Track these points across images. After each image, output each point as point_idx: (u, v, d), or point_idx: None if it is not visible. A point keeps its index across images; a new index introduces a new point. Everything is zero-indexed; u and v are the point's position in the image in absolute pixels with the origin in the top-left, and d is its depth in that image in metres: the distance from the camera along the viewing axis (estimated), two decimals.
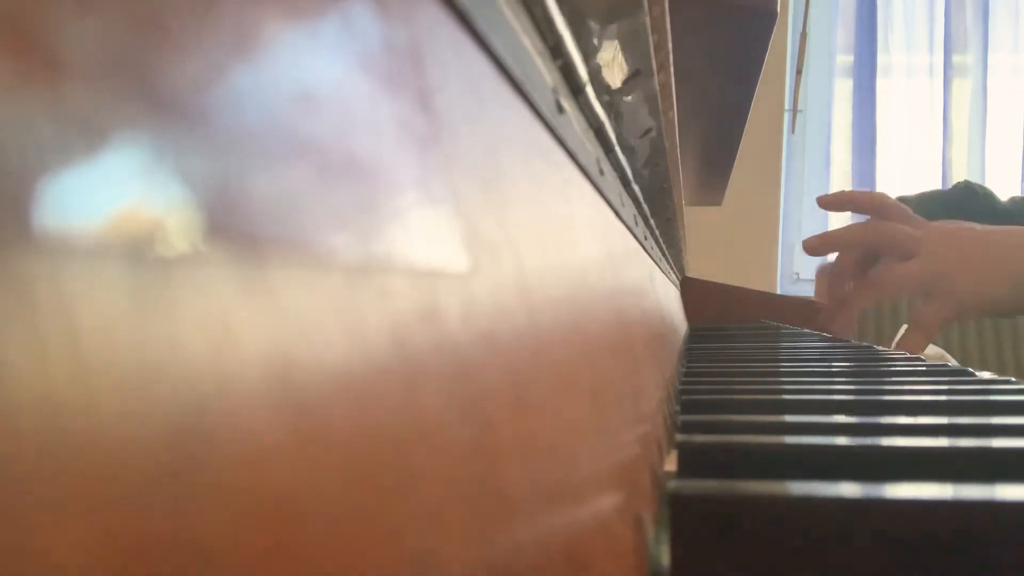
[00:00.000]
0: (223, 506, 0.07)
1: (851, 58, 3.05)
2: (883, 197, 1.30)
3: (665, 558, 0.29)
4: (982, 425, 0.42)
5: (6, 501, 0.06)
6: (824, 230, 3.01)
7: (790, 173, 2.95)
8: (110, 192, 0.07)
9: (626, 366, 0.38)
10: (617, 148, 0.50)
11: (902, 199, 1.48)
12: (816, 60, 2.96)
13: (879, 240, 1.25)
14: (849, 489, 0.29)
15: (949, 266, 1.20)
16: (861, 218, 1.36)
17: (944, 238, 1.23)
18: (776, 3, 0.84)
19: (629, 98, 0.52)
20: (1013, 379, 0.61)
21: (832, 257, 1.37)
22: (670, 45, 0.59)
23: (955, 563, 0.27)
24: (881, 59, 3.03)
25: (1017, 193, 2.94)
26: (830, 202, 1.41)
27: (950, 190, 1.49)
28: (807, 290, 2.65)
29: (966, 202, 1.44)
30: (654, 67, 0.51)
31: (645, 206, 0.74)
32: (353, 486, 0.10)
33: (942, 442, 0.36)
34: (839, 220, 3.02)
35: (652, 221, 0.83)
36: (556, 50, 0.32)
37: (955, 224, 1.25)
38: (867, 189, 1.36)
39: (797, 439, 0.37)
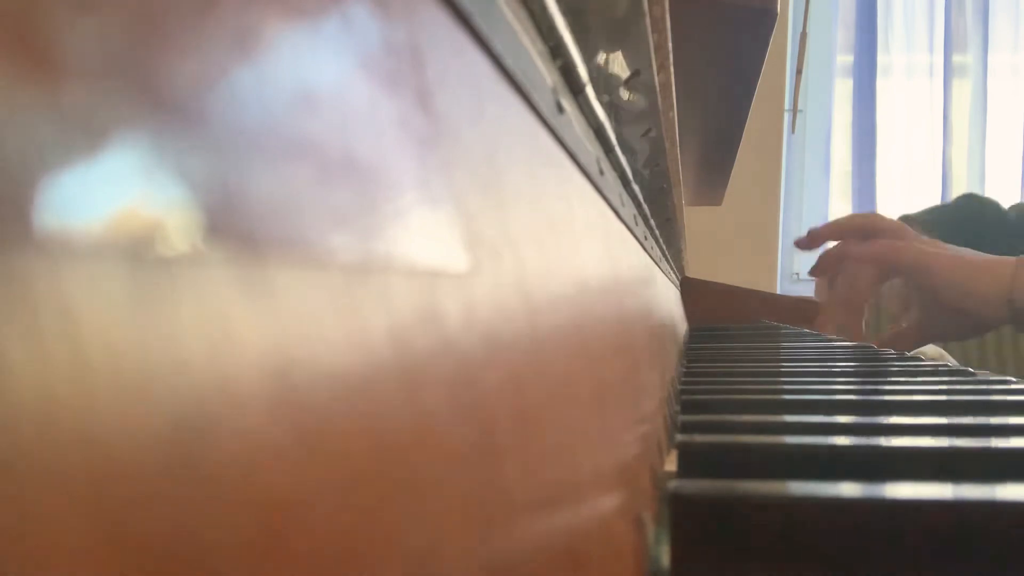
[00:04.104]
0: (223, 506, 0.07)
1: (851, 58, 3.05)
2: (869, 216, 1.30)
3: (665, 558, 0.29)
4: (982, 425, 0.42)
5: (6, 501, 0.06)
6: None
7: (790, 173, 2.95)
8: (110, 192, 0.07)
9: (626, 366, 0.38)
10: (617, 148, 0.50)
11: (905, 218, 1.48)
12: (816, 60, 2.96)
13: (867, 224, 1.26)
14: (849, 489, 0.29)
15: (942, 257, 1.21)
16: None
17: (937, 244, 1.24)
18: (776, 3, 0.84)
19: (629, 98, 0.52)
20: (1013, 379, 0.61)
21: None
22: (670, 45, 0.59)
23: (955, 563, 0.27)
24: (881, 59, 3.03)
25: (1018, 194, 2.95)
26: (815, 237, 1.39)
27: (953, 203, 1.48)
28: (807, 290, 2.65)
29: (971, 213, 1.43)
30: (654, 67, 0.51)
31: (645, 206, 0.74)
32: (353, 486, 0.10)
33: (942, 442, 0.36)
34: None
35: (652, 221, 0.83)
36: (556, 50, 0.32)
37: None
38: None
39: (797, 439, 0.37)
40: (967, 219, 1.41)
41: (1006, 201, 1.76)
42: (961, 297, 1.19)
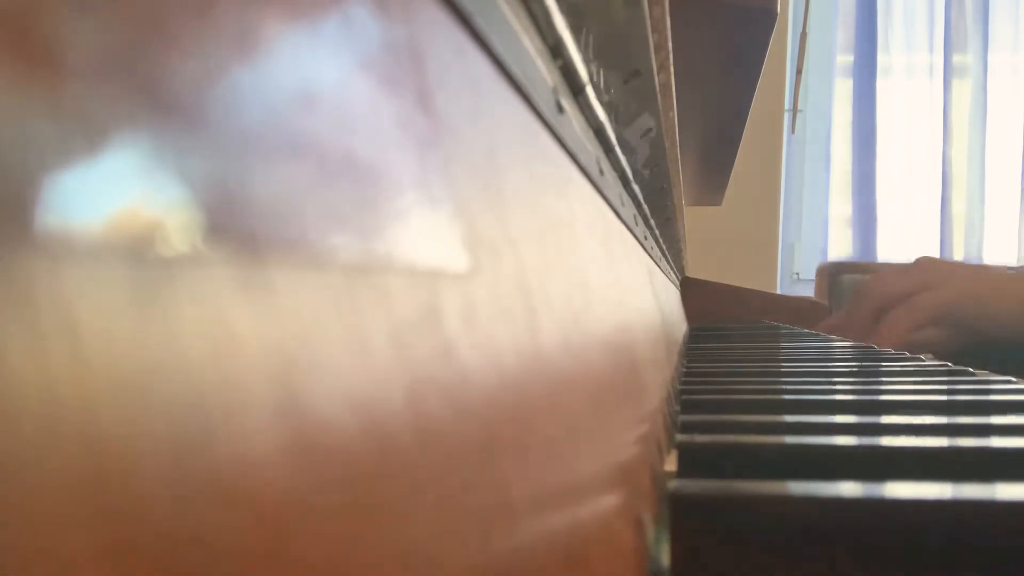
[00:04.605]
0: (223, 507, 0.07)
1: (851, 58, 3.05)
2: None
3: (665, 558, 0.29)
4: (982, 425, 0.42)
5: (5, 501, 0.06)
6: (823, 231, 3.02)
7: (790, 173, 2.95)
8: (110, 192, 0.07)
9: (626, 366, 0.38)
10: (617, 148, 0.50)
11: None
12: (816, 60, 2.96)
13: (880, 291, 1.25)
14: (849, 489, 0.29)
15: (953, 270, 1.21)
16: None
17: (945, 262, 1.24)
18: (776, 3, 0.84)
19: (629, 98, 0.52)
20: (1013, 379, 0.61)
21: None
22: (670, 45, 0.59)
23: (955, 563, 0.27)
24: (881, 59, 3.03)
25: (1018, 194, 2.95)
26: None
27: None
28: (807, 290, 2.65)
29: None
30: (654, 67, 0.51)
31: (645, 206, 0.74)
32: (353, 487, 0.10)
33: (942, 442, 0.36)
34: (838, 226, 3.03)
35: (652, 221, 0.83)
36: (556, 50, 0.32)
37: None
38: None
39: (797, 439, 0.37)
40: None
41: (1005, 200, 1.73)
42: (979, 319, 1.18)
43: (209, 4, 0.09)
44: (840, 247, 3.01)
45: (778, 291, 2.64)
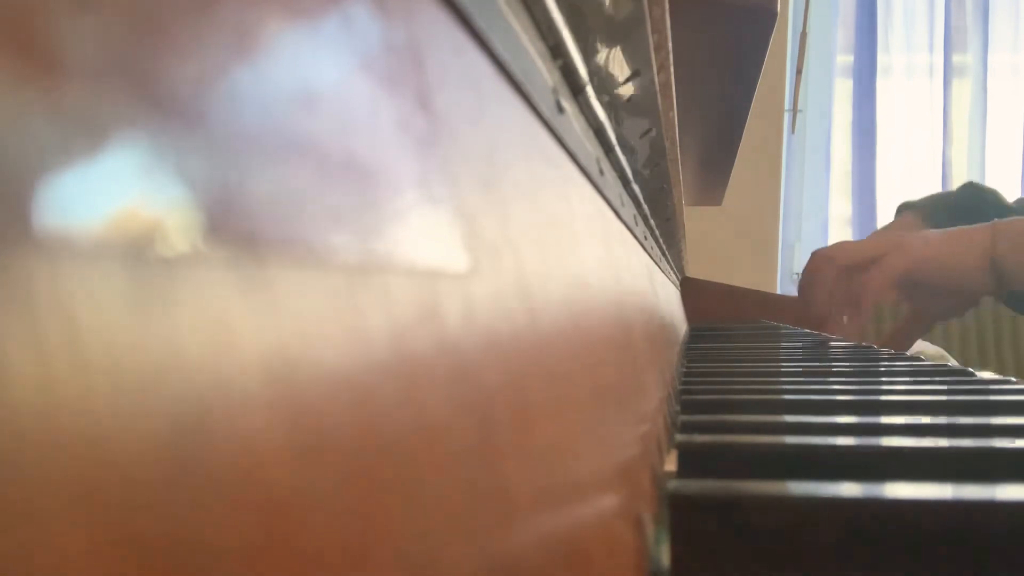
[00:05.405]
0: (223, 506, 0.07)
1: (851, 58, 3.05)
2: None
3: (665, 558, 0.29)
4: (982, 425, 0.42)
5: (5, 501, 0.06)
6: (823, 231, 3.03)
7: (790, 173, 2.95)
8: (110, 192, 0.07)
9: (626, 366, 0.38)
10: (617, 148, 0.50)
11: (908, 204, 1.48)
12: (816, 60, 2.97)
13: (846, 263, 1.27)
14: (849, 489, 0.29)
15: (908, 237, 1.23)
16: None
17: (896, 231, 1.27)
18: (776, 3, 0.84)
19: (629, 98, 0.52)
20: (1013, 379, 0.61)
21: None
22: (670, 45, 0.59)
23: (955, 563, 0.27)
24: (881, 59, 3.03)
25: (1018, 193, 2.95)
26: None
27: (956, 192, 1.48)
28: None
29: (973, 203, 1.43)
30: (654, 67, 0.51)
31: (645, 206, 0.74)
32: (353, 486, 0.10)
33: (942, 442, 0.36)
34: (838, 226, 3.03)
35: (652, 221, 0.83)
36: (556, 50, 0.32)
37: None
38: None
39: (797, 439, 0.37)
40: (968, 208, 1.41)
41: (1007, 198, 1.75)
42: (942, 274, 1.20)
43: (209, 4, 0.09)
44: None
45: (778, 291, 2.64)
